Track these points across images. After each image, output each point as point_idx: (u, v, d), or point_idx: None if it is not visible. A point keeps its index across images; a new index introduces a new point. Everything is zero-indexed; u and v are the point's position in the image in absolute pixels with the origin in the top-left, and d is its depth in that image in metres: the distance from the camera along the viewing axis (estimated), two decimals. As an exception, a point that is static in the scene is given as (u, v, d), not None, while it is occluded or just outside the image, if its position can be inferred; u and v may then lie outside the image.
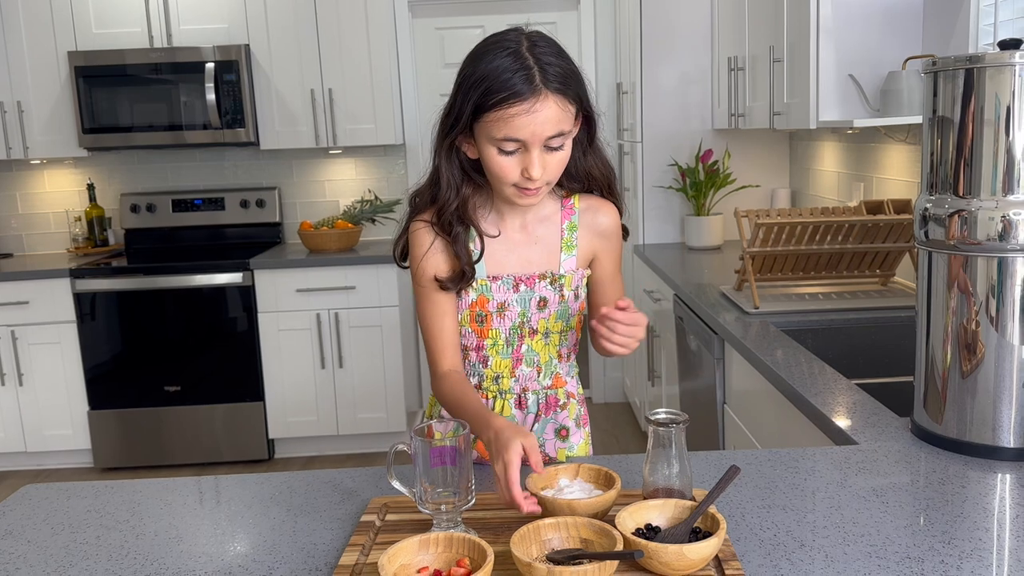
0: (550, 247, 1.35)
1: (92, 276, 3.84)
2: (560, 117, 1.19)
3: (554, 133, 1.19)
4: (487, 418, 1.15)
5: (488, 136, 1.19)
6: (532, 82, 1.15)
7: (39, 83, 3.94)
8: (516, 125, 1.16)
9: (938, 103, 1.32)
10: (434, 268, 1.31)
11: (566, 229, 1.35)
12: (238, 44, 3.89)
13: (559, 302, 1.35)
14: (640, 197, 3.76)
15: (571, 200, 1.37)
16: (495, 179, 1.24)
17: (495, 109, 1.16)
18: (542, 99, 1.16)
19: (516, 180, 1.21)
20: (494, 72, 1.16)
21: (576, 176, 1.34)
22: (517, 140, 1.18)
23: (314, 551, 1.10)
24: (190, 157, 4.35)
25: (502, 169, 1.21)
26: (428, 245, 1.31)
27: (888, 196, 2.63)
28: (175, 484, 1.35)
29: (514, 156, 1.20)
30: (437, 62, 4.31)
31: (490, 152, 1.20)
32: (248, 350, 3.89)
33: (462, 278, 1.30)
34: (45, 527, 1.22)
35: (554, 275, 1.34)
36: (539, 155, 1.19)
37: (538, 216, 1.35)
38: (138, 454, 3.95)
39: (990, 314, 1.29)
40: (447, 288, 1.30)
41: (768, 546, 1.05)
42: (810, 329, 2.20)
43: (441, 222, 1.30)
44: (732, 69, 3.23)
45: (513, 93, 1.15)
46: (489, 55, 1.18)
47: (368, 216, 4.08)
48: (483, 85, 1.17)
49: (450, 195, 1.28)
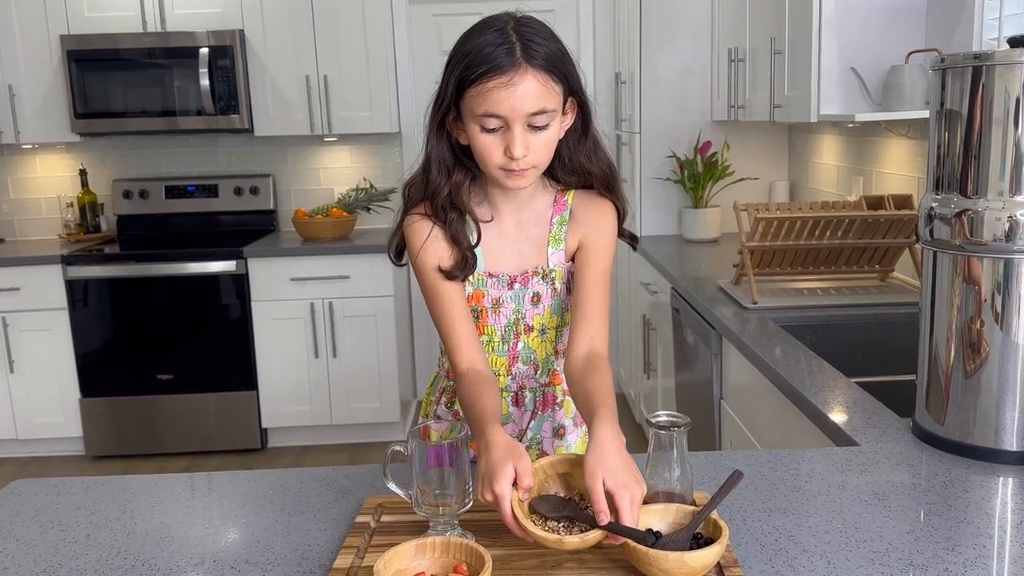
0: (540, 241, 1.32)
1: (84, 263, 3.80)
2: (541, 93, 1.16)
3: (535, 110, 1.16)
4: (483, 427, 1.10)
5: (471, 113, 1.17)
6: (512, 56, 1.14)
7: (31, 67, 3.89)
8: (495, 99, 1.14)
9: (945, 101, 1.30)
10: (436, 258, 1.28)
11: (556, 223, 1.32)
12: (232, 29, 3.85)
13: (552, 296, 1.32)
14: (638, 189, 3.73)
15: (565, 196, 1.33)
16: (481, 161, 1.21)
17: (475, 83, 1.15)
18: (521, 72, 1.14)
19: (500, 161, 1.19)
20: (477, 48, 1.15)
21: (572, 168, 1.30)
22: (497, 115, 1.15)
23: (308, 552, 1.08)
24: (183, 143, 4.30)
25: (485, 148, 1.18)
26: (426, 235, 1.28)
27: (888, 191, 2.62)
28: (167, 481, 1.33)
29: (497, 135, 1.18)
30: (434, 49, 4.26)
31: (473, 130, 1.18)
32: (241, 339, 3.86)
33: (465, 264, 1.26)
34: (34, 524, 1.20)
35: (544, 270, 1.31)
36: (521, 133, 1.16)
37: (533, 210, 1.32)
38: (130, 442, 3.93)
39: (995, 314, 1.28)
40: (453, 276, 1.26)
41: (769, 551, 1.04)
42: (808, 325, 2.18)
43: (435, 209, 1.27)
44: (732, 60, 3.20)
45: (493, 66, 1.13)
46: (476, 34, 1.18)
47: (363, 204, 4.04)
48: (465, 60, 1.16)
49: (441, 179, 1.25)
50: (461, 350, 1.26)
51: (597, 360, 1.25)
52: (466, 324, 1.28)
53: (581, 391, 1.20)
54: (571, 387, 1.25)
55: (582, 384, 1.21)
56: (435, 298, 1.28)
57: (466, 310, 1.29)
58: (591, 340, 1.27)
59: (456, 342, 1.26)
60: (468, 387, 1.22)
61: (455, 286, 1.28)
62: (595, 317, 1.28)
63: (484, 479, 1.00)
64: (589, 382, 1.19)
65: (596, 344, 1.27)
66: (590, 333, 1.27)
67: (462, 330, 1.27)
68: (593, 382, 1.19)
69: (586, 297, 1.30)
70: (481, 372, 1.26)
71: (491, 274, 1.30)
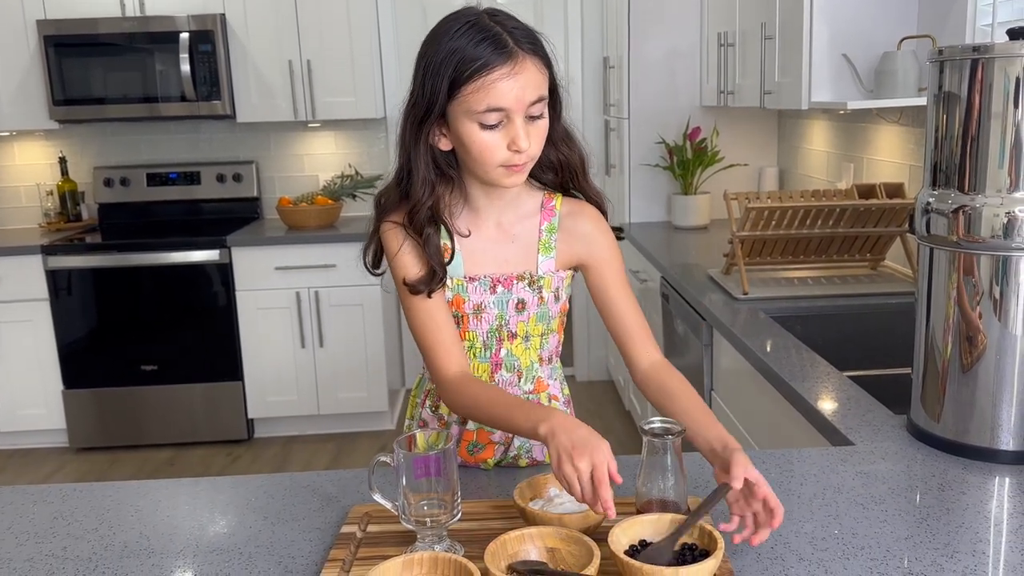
0: (527, 247, 1.27)
1: (65, 253, 3.74)
2: (539, 80, 1.13)
3: (535, 98, 1.12)
4: (545, 410, 1.06)
5: (468, 111, 1.11)
6: (506, 46, 1.10)
7: (7, 52, 3.80)
8: (499, 91, 1.09)
9: (942, 93, 1.27)
10: (403, 271, 1.23)
11: (545, 230, 1.27)
12: (213, 13, 3.77)
13: (538, 304, 1.27)
14: (626, 175, 3.70)
15: (553, 201, 1.28)
16: (478, 162, 1.15)
17: (473, 79, 1.09)
18: (520, 61, 1.10)
19: (503, 158, 1.14)
20: (462, 45, 1.10)
21: (547, 163, 1.25)
22: (500, 109, 1.10)
23: (292, 565, 1.05)
24: (165, 130, 4.23)
25: (487, 147, 1.13)
26: (398, 248, 1.23)
27: (879, 178, 2.59)
28: (147, 487, 1.29)
29: (498, 131, 1.12)
30: (419, 34, 4.12)
31: (470, 131, 1.13)
32: (226, 329, 3.81)
33: (432, 279, 1.21)
34: (9, 536, 1.16)
35: (532, 276, 1.26)
36: (523, 124, 1.12)
37: (517, 214, 1.27)
38: (114, 434, 3.88)
39: (991, 312, 1.25)
40: (417, 291, 1.21)
41: (766, 560, 1.01)
42: (799, 316, 2.16)
43: (413, 223, 1.21)
44: (722, 45, 3.16)
45: (489, 59, 1.09)
46: (451, 31, 1.12)
47: (348, 192, 3.99)
48: (454, 59, 1.10)
49: (424, 193, 1.19)
50: (451, 356, 1.21)
51: (662, 371, 1.23)
52: (449, 328, 1.23)
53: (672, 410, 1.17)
54: (657, 406, 1.21)
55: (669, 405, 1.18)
56: (413, 302, 1.22)
57: (448, 313, 1.25)
58: (647, 355, 1.25)
59: (444, 349, 1.21)
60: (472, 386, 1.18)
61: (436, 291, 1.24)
62: (637, 331, 1.26)
63: (576, 450, 0.96)
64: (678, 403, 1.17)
65: (652, 355, 1.25)
66: (645, 349, 1.26)
67: (447, 335, 1.22)
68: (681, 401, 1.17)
69: (620, 315, 1.27)
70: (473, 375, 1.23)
71: (471, 278, 1.25)
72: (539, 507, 1.06)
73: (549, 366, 1.33)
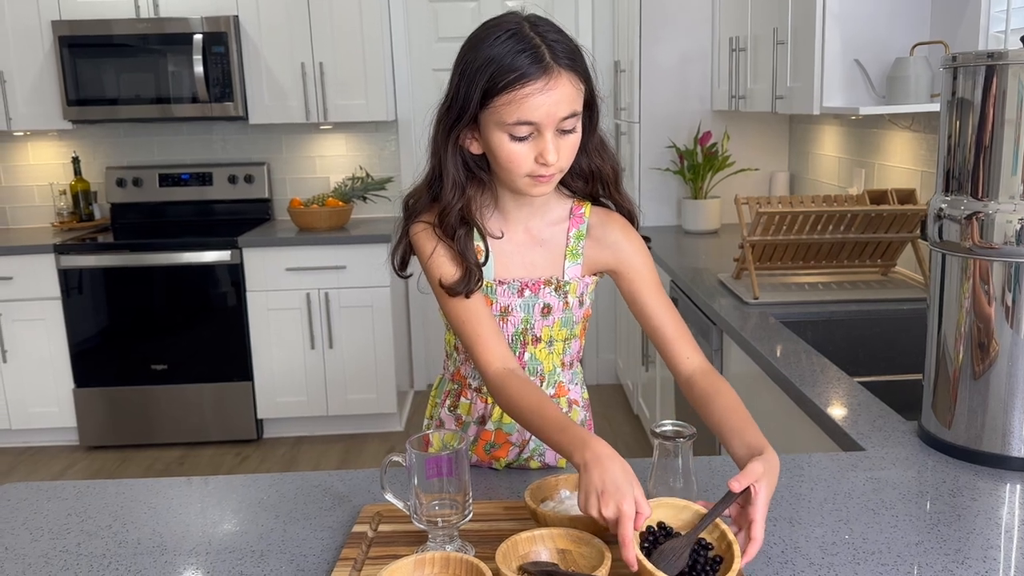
0: (554, 252, 1.27)
1: (77, 252, 3.76)
2: (573, 96, 1.12)
3: (568, 114, 1.12)
4: (583, 437, 1.02)
5: (498, 122, 1.12)
6: (542, 60, 1.09)
7: (22, 53, 3.83)
8: (530, 106, 1.09)
9: (956, 100, 1.27)
10: (438, 273, 1.22)
11: (573, 237, 1.28)
12: (227, 15, 3.79)
13: (563, 309, 1.28)
14: (637, 179, 3.70)
15: (582, 208, 1.29)
16: (506, 170, 1.16)
17: (506, 91, 1.09)
18: (555, 77, 1.09)
19: (530, 169, 1.14)
20: (499, 55, 1.09)
21: (579, 171, 1.25)
22: (530, 123, 1.10)
23: (304, 563, 1.06)
24: (177, 131, 4.26)
25: (515, 157, 1.13)
26: (431, 250, 1.23)
27: (890, 183, 2.59)
28: (159, 485, 1.30)
29: (527, 142, 1.13)
30: (431, 37, 4.21)
31: (500, 140, 1.13)
32: (237, 329, 3.83)
33: (469, 280, 1.21)
34: (24, 532, 1.17)
35: (559, 281, 1.27)
36: (553, 139, 1.12)
37: (545, 220, 1.27)
38: (124, 433, 3.91)
39: (1004, 318, 1.25)
40: (455, 293, 1.21)
41: (776, 564, 1.02)
42: (810, 321, 2.16)
43: (443, 225, 1.21)
44: (733, 50, 3.16)
45: (525, 72, 1.08)
46: (490, 38, 1.11)
47: (359, 194, 4.00)
48: (490, 68, 1.10)
49: (455, 195, 1.19)
50: (496, 350, 1.19)
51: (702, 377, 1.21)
52: (490, 322, 1.22)
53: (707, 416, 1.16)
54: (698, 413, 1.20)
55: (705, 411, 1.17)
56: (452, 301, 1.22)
57: (487, 309, 1.24)
58: (687, 360, 1.23)
59: (485, 343, 1.19)
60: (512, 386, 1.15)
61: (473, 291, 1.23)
62: (676, 337, 1.24)
63: (605, 494, 0.94)
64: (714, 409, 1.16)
65: (695, 361, 1.23)
66: (684, 355, 1.24)
67: (488, 328, 1.21)
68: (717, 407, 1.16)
69: (656, 322, 1.25)
70: (520, 372, 1.20)
71: (501, 281, 1.26)
72: (550, 508, 1.06)
73: (571, 371, 1.34)
